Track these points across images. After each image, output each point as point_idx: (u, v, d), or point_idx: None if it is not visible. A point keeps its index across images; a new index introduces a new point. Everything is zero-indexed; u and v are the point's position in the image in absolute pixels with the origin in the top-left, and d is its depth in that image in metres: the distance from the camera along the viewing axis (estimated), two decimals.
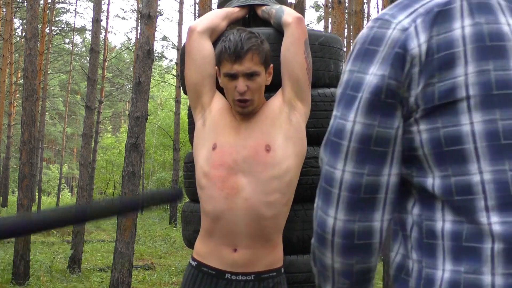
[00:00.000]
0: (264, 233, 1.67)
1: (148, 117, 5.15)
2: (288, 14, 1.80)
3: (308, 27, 1.88)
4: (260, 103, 1.74)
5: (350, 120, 0.86)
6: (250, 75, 1.64)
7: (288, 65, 1.76)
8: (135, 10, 23.72)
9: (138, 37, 8.94)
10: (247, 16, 2.02)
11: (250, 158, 1.67)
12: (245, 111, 1.69)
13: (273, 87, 1.80)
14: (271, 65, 1.74)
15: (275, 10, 1.87)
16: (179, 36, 17.46)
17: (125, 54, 37.82)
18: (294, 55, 1.75)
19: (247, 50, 1.62)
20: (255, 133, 1.70)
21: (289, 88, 1.76)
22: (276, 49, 1.81)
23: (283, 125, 1.72)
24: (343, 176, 0.86)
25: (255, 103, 1.70)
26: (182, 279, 1.80)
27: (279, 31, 1.85)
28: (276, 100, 1.76)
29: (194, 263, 1.76)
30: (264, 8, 1.94)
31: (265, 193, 1.65)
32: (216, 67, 1.74)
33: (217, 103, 1.79)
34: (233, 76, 1.65)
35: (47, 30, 18.88)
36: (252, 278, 1.67)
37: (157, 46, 36.61)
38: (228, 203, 1.66)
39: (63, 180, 33.37)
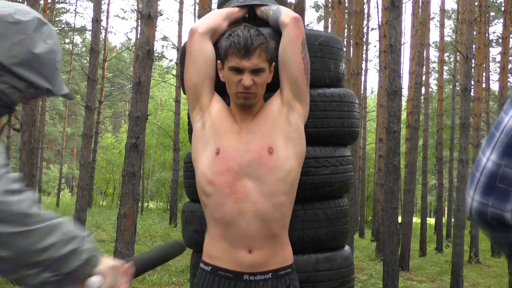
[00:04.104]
0: (274, 233, 1.69)
1: (148, 117, 5.15)
2: (285, 15, 1.80)
3: (308, 27, 1.88)
4: (260, 100, 1.74)
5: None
6: (257, 71, 1.65)
7: (285, 66, 1.76)
8: (135, 10, 23.74)
9: (138, 37, 8.94)
10: (247, 16, 2.02)
11: (254, 161, 1.67)
12: (247, 102, 1.69)
13: (273, 87, 1.80)
14: (273, 63, 1.74)
15: (272, 11, 1.87)
16: (179, 36, 17.45)
17: (125, 54, 37.81)
18: (291, 56, 1.75)
19: (256, 46, 1.63)
20: (257, 136, 1.70)
21: (287, 89, 1.76)
22: (276, 48, 1.81)
23: (283, 126, 1.72)
24: None
25: (257, 97, 1.70)
26: (196, 285, 1.75)
27: (278, 31, 1.85)
28: (275, 101, 1.76)
29: (208, 268, 1.73)
30: (262, 8, 1.94)
31: (271, 196, 1.66)
32: (219, 61, 1.73)
33: (216, 105, 1.78)
34: (239, 70, 1.65)
35: None
36: (270, 276, 1.68)
37: (157, 46, 36.58)
38: (238, 208, 1.65)
39: (63, 180, 33.35)
